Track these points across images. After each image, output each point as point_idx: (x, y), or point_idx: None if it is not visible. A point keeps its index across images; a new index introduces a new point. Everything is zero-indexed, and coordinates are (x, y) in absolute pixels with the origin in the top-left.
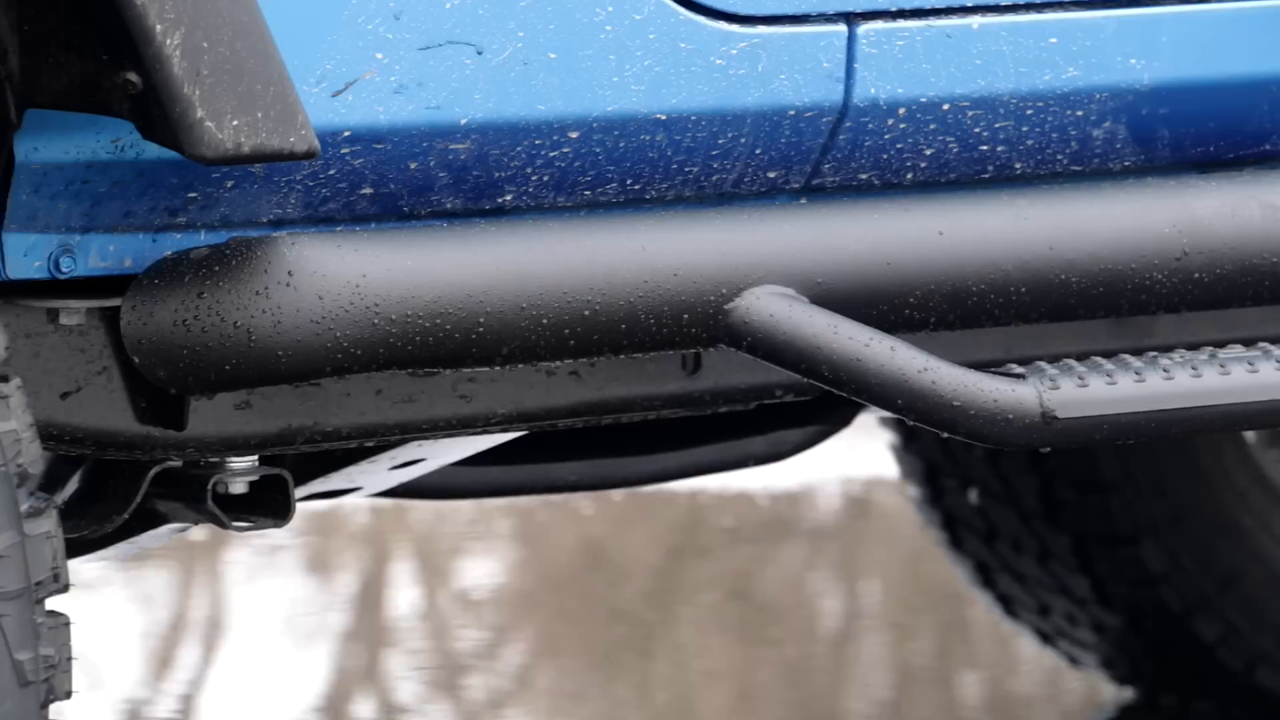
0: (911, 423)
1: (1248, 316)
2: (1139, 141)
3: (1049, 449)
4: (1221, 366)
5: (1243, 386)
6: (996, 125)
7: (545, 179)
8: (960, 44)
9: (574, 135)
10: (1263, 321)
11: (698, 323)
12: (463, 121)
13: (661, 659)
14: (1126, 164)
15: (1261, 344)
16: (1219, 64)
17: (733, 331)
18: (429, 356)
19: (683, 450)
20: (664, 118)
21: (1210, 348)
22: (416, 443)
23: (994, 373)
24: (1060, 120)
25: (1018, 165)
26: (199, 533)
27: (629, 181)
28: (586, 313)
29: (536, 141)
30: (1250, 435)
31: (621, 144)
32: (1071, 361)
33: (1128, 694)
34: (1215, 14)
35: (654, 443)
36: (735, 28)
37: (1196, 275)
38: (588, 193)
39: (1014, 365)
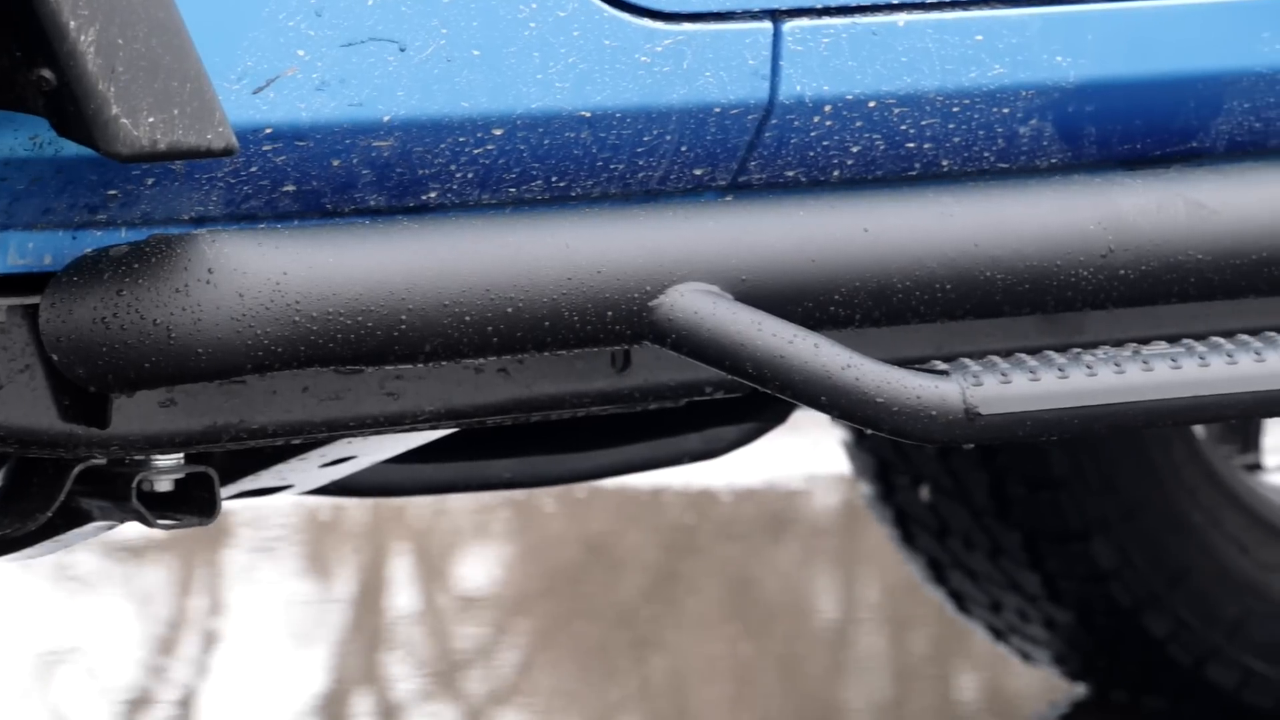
0: (835, 420)
1: (1177, 313)
2: (1066, 139)
3: (972, 445)
4: (1145, 363)
5: (1166, 383)
6: (923, 123)
7: (470, 176)
8: (886, 41)
9: (498, 133)
10: (1191, 318)
11: (622, 320)
12: (386, 119)
13: (659, 656)
14: (1054, 161)
15: (1185, 340)
16: (1145, 61)
17: (657, 328)
18: (351, 354)
19: (617, 447)
20: (589, 115)
21: (1135, 344)
22: (346, 440)
23: (917, 369)
24: (986, 118)
25: (945, 163)
26: (197, 531)
27: (554, 179)
28: (510, 310)
29: (460, 139)
30: (1200, 431)
31: (546, 141)
32: (995, 358)
33: (1080, 690)
34: (1141, 11)
35: (588, 440)
36: (660, 25)
37: (1122, 272)
38: (513, 190)
39: (938, 362)
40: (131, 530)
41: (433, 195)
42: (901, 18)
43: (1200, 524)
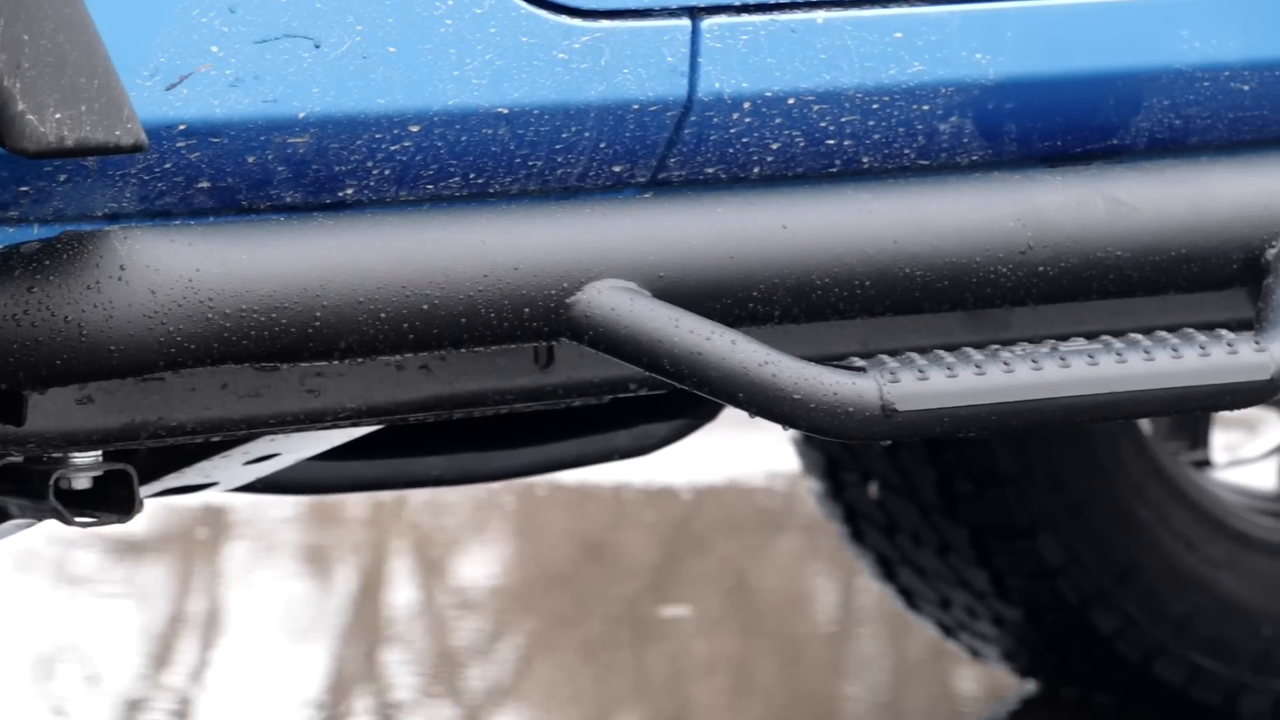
0: (752, 416)
1: (1104, 309)
2: (986, 136)
3: (889, 442)
4: (1062, 360)
5: (1083, 379)
6: (843, 120)
7: (386, 173)
8: (805, 38)
9: (415, 129)
10: (1117, 314)
11: (539, 317)
12: (301, 115)
13: (658, 653)
14: (974, 158)
15: (1103, 337)
16: (1064, 59)
17: (574, 325)
18: (265, 351)
19: (546, 444)
20: (506, 112)
21: (1053, 341)
22: (269, 437)
23: (835, 366)
24: (906, 115)
25: (865, 160)
26: (196, 529)
27: (472, 175)
28: (425, 307)
29: (377, 135)
30: (1148, 428)
31: (463, 138)
32: (913, 354)
33: (1030, 687)
34: (1060, 9)
35: (519, 437)
36: (578, 22)
37: (1041, 269)
38: (430, 187)
39: (856, 359)
40: (129, 528)
41: (349, 192)
42: (820, 15)
43: (1147, 521)
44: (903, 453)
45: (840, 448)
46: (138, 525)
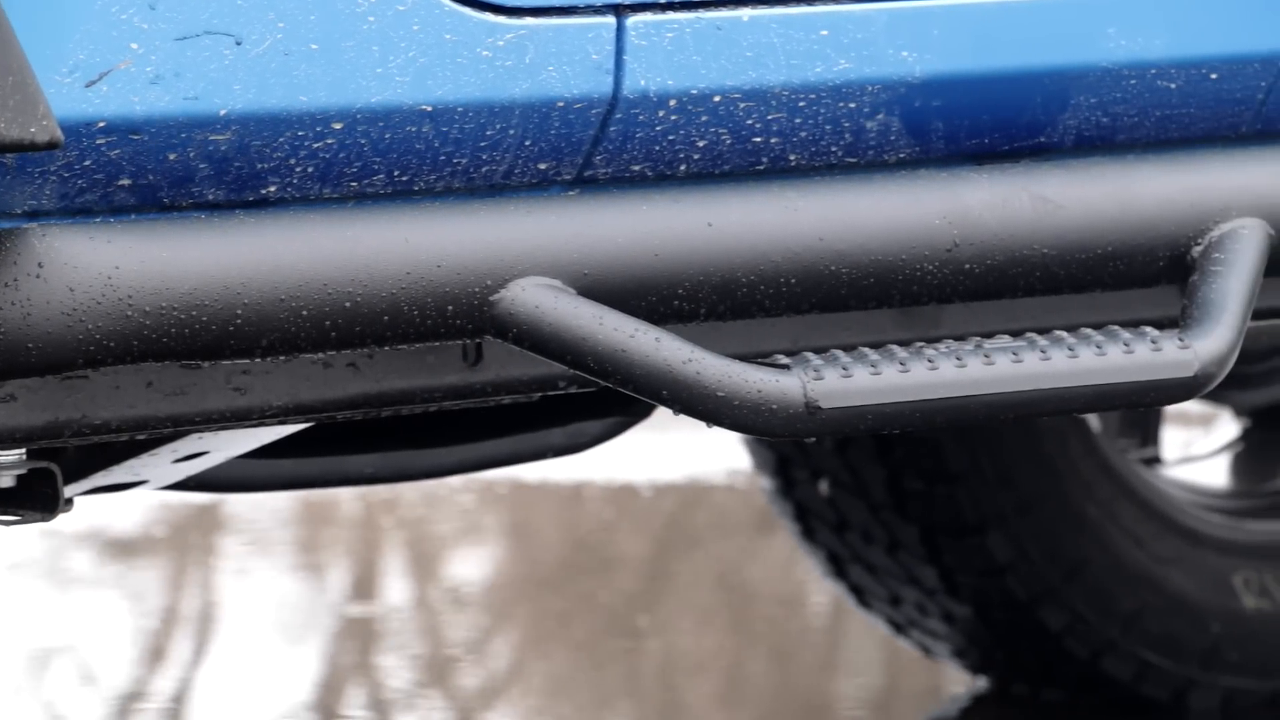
0: (676, 414)
1: (1036, 307)
2: (913, 134)
3: (813, 439)
4: (987, 357)
5: (1008, 377)
6: (769, 117)
7: (310, 170)
8: (731, 36)
9: (338, 127)
10: (1050, 312)
11: (463, 314)
12: (222, 112)
13: (651, 650)
14: (902, 156)
15: (1028, 334)
16: (991, 57)
17: (498, 323)
18: (185, 349)
19: (480, 442)
20: (430, 109)
21: (978, 338)
22: (197, 435)
23: (759, 363)
24: (833, 112)
25: (792, 157)
26: (190, 527)
27: (396, 173)
28: (348, 304)
29: (299, 133)
30: (1096, 425)
31: (387, 136)
32: (838, 352)
33: (982, 683)
34: (987, 7)
35: (452, 434)
36: (502, 19)
37: (967, 266)
38: (354, 184)
39: (780, 356)
40: (124, 527)
41: (272, 190)
42: (746, 12)
43: (1096, 518)
44: (853, 450)
45: (791, 445)
46: (131, 524)
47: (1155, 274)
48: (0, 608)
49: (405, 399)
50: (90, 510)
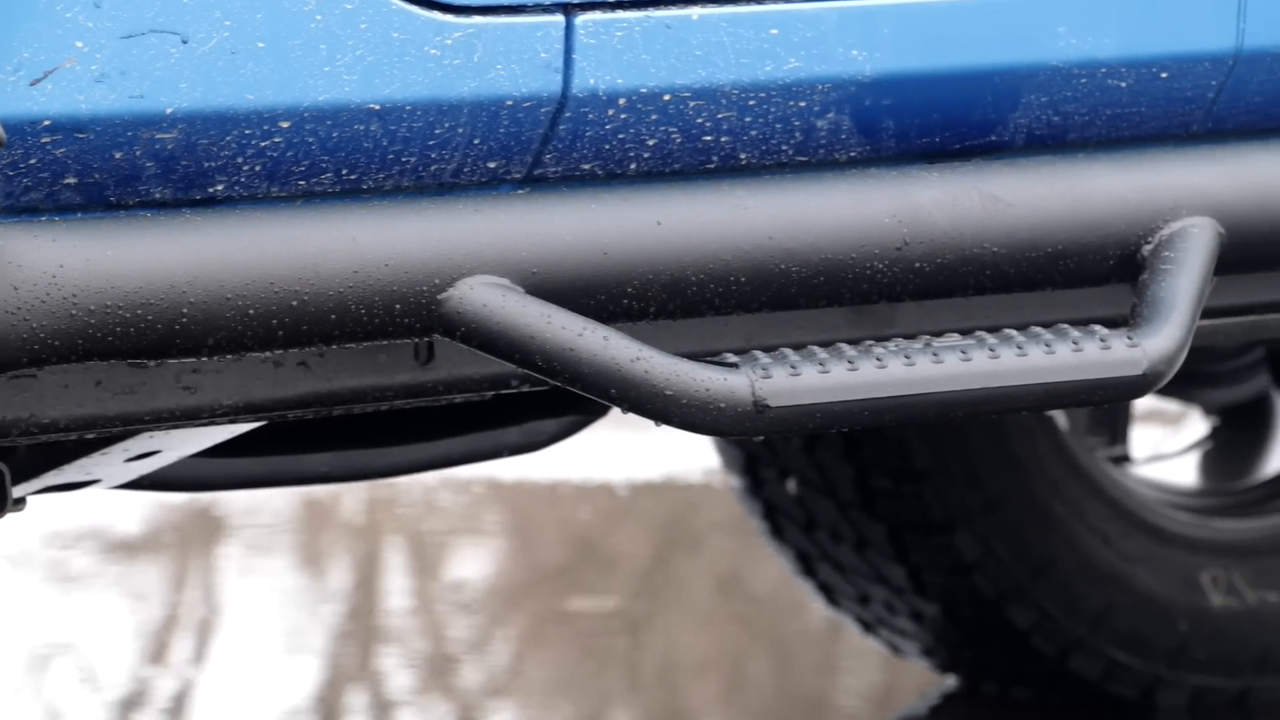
0: (625, 412)
1: (990, 305)
2: (864, 132)
3: (761, 438)
4: (935, 356)
5: (956, 375)
6: (719, 116)
7: (257, 169)
8: (680, 35)
9: (285, 125)
10: (1003, 310)
11: (411, 313)
12: (168, 111)
13: (651, 651)
14: (853, 154)
15: (978, 333)
16: (942, 56)
17: (446, 322)
18: (131, 348)
19: (435, 441)
20: (378, 108)
21: (927, 336)
22: (148, 434)
23: (708, 362)
24: (784, 111)
25: (743, 156)
26: (191, 527)
27: (345, 171)
28: (295, 303)
29: (246, 131)
30: (1063, 423)
31: (335, 134)
32: (787, 350)
33: (951, 682)
34: (937, 6)
35: (408, 433)
36: (450, 18)
37: (918, 264)
38: (302, 183)
39: (729, 354)
40: (125, 526)
41: (220, 188)
42: (696, 11)
43: (1063, 516)
44: (821, 449)
45: (758, 444)
46: (132, 525)
47: (1106, 273)
48: (1, 607)
49: (357, 398)
50: (91, 510)
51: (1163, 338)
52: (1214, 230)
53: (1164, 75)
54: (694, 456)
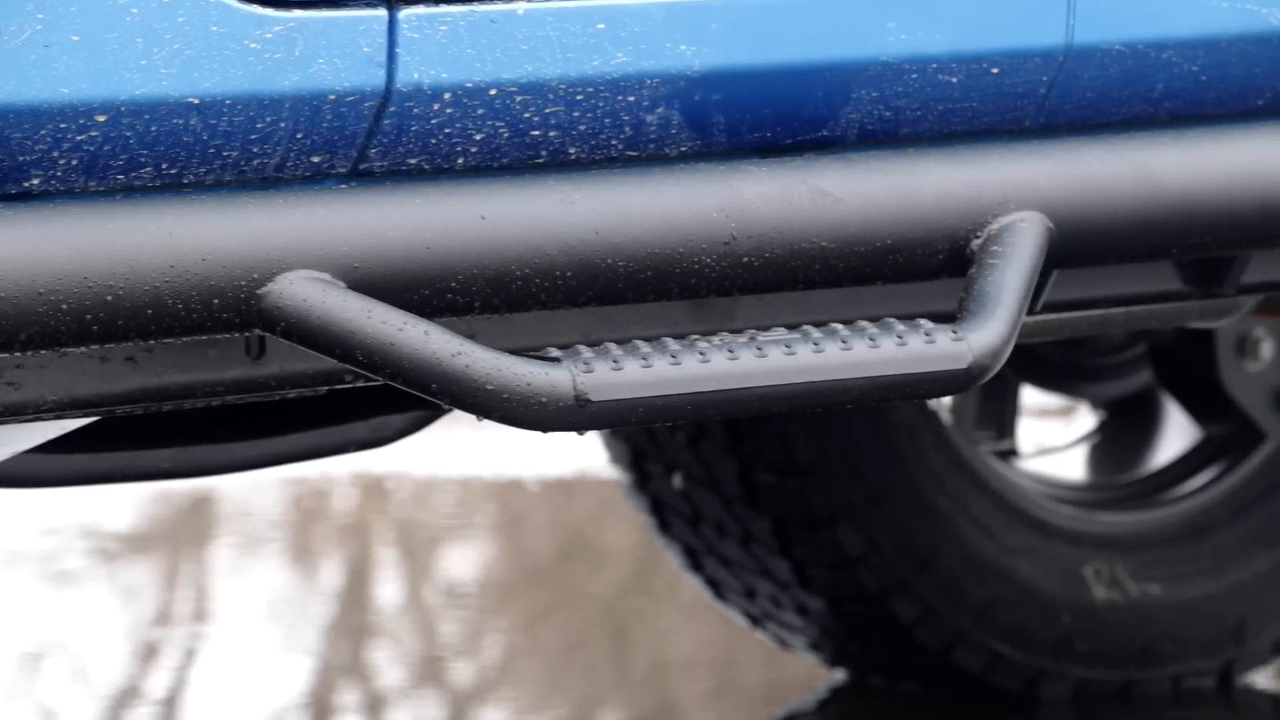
0: (447, 407)
1: (831, 299)
2: (694, 127)
3: (585, 432)
4: (759, 349)
5: (780, 369)
6: (547, 110)
7: (74, 163)
8: (506, 29)
9: (101, 119)
10: (845, 304)
11: (229, 308)
12: None
13: (642, 646)
14: (684, 150)
15: (803, 327)
16: (771, 51)
17: (266, 317)
18: None
19: (281, 436)
20: (197, 102)
21: (752, 330)
22: None
23: (530, 357)
24: (612, 106)
25: (572, 151)
26: (183, 525)
27: (164, 166)
28: (109, 298)
29: (62, 125)
30: (947, 418)
31: (153, 128)
32: (610, 344)
33: (839, 676)
34: (766, 1)
35: (253, 428)
36: (270, 11)
37: (746, 259)
38: (121, 177)
39: (552, 349)
40: (117, 524)
41: (36, 182)
42: (521, 5)
43: (947, 510)
44: (705, 443)
45: (645, 438)
46: (123, 522)
47: (936, 267)
48: None
49: (187, 393)
50: (83, 507)
51: (988, 331)
52: (1043, 225)
53: (995, 71)
54: None
